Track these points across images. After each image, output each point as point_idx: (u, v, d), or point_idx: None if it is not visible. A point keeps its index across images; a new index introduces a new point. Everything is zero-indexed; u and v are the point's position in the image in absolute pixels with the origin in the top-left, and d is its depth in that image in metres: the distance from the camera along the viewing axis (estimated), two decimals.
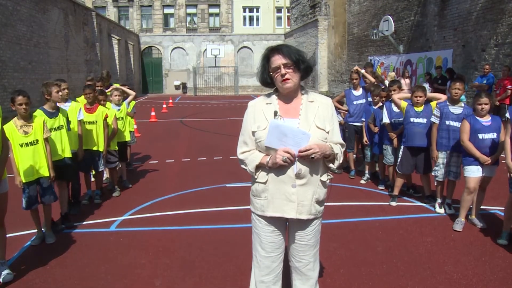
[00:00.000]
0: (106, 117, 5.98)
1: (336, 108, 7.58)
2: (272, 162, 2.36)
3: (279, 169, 2.39)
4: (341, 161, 2.54)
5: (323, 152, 2.37)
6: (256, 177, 2.48)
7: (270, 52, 2.46)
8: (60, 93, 4.85)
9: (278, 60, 2.41)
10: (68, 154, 4.91)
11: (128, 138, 6.93)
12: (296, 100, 2.51)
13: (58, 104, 5.31)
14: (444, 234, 4.75)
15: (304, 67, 2.45)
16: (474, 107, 4.92)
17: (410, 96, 5.79)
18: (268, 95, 2.58)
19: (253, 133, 2.48)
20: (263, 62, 2.50)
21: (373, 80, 7.00)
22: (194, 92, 33.83)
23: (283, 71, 2.39)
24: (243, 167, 2.54)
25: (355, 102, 7.34)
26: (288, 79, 2.40)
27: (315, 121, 2.44)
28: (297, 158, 2.36)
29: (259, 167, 2.45)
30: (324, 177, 2.53)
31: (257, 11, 37.42)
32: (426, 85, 12.75)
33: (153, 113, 16.54)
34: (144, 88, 35.40)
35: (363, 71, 7.23)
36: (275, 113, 2.43)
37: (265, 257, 2.57)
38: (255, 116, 2.50)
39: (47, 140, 4.45)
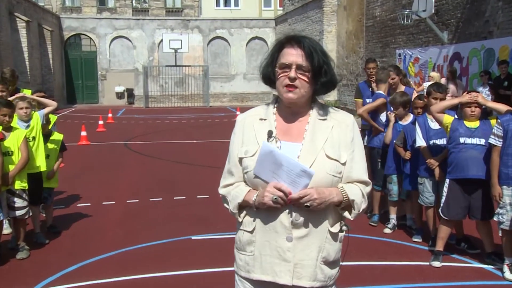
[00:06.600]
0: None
1: (369, 124, 7.52)
2: (258, 201, 2.37)
3: (269, 212, 2.40)
4: (362, 209, 2.52)
5: (324, 202, 2.36)
6: (240, 220, 2.50)
7: (287, 41, 2.49)
8: None
9: (292, 56, 2.43)
10: None
11: (43, 167, 6.78)
12: (302, 116, 2.53)
13: None
14: None
15: (325, 80, 2.47)
16: None
17: (461, 106, 5.80)
18: (265, 107, 2.61)
19: (240, 160, 2.50)
20: (274, 50, 2.52)
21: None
22: (145, 102, 33.93)
23: (292, 73, 2.40)
24: (226, 206, 2.56)
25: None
26: (295, 87, 2.42)
27: (324, 147, 2.46)
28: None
29: (243, 206, 2.46)
30: (336, 228, 2.52)
31: None
32: (485, 90, 12.86)
33: (83, 133, 16.50)
34: (70, 96, 35.40)
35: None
36: (269, 134, 2.45)
37: None
38: (244, 137, 2.53)
39: None
